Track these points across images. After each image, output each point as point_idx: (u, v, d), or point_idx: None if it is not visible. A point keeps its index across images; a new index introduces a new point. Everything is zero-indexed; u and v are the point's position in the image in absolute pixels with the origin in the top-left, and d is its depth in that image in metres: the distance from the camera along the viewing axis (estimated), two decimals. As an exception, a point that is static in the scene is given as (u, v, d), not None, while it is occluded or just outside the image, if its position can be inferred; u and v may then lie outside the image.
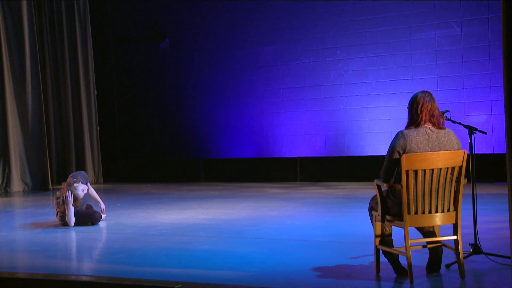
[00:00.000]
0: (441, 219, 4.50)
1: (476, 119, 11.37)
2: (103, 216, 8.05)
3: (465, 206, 4.87)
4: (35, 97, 13.39)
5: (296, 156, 13.27)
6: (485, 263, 4.93)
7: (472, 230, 5.06)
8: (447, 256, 4.95)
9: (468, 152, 4.77)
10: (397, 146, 4.51)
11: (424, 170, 4.38)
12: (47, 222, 8.17)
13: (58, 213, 7.72)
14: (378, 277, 4.69)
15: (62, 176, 14.65)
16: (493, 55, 11.42)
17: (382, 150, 11.90)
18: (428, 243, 4.68)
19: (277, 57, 13.53)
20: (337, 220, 7.71)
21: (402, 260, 4.70)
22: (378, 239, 4.74)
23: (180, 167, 14.52)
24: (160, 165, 14.81)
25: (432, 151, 4.47)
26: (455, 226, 4.54)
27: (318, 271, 4.92)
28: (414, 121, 4.59)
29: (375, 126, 12.53)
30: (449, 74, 11.84)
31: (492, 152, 11.33)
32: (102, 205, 8.13)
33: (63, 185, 7.67)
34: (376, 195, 4.73)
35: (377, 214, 4.68)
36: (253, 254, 5.72)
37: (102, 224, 7.87)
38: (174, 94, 14.79)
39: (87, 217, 7.74)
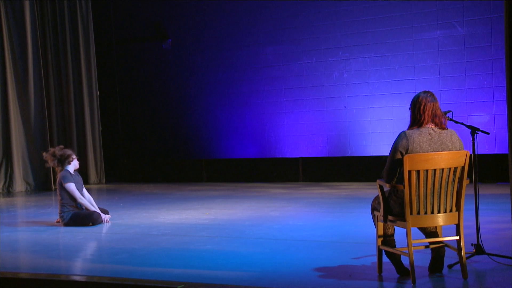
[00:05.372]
0: (444, 219, 4.49)
1: (478, 119, 11.36)
2: (105, 217, 7.98)
3: (467, 207, 4.86)
4: (38, 97, 13.41)
5: (298, 156, 13.27)
6: (487, 264, 4.92)
7: (475, 231, 5.05)
8: (450, 257, 4.95)
9: (471, 153, 4.76)
10: (400, 147, 4.51)
11: (427, 171, 4.37)
12: (50, 222, 8.18)
13: (61, 213, 7.76)
14: (380, 277, 4.68)
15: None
16: (495, 55, 11.41)
17: (385, 151, 11.89)
18: (431, 243, 4.68)
19: (280, 57, 13.53)
20: (339, 220, 7.71)
21: (405, 260, 4.70)
22: (380, 239, 4.74)
23: (182, 167, 14.53)
24: (162, 165, 14.81)
25: (434, 151, 4.46)
26: (458, 226, 4.53)
27: (321, 271, 4.91)
28: (416, 121, 4.59)
29: (377, 126, 12.52)
30: (452, 74, 11.83)
31: (495, 153, 11.32)
32: (104, 216, 8.01)
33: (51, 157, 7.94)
34: (378, 195, 4.73)
35: (380, 214, 4.67)
36: (255, 254, 5.72)
37: (104, 224, 7.87)
38: (176, 94, 14.79)
39: (86, 217, 7.75)
